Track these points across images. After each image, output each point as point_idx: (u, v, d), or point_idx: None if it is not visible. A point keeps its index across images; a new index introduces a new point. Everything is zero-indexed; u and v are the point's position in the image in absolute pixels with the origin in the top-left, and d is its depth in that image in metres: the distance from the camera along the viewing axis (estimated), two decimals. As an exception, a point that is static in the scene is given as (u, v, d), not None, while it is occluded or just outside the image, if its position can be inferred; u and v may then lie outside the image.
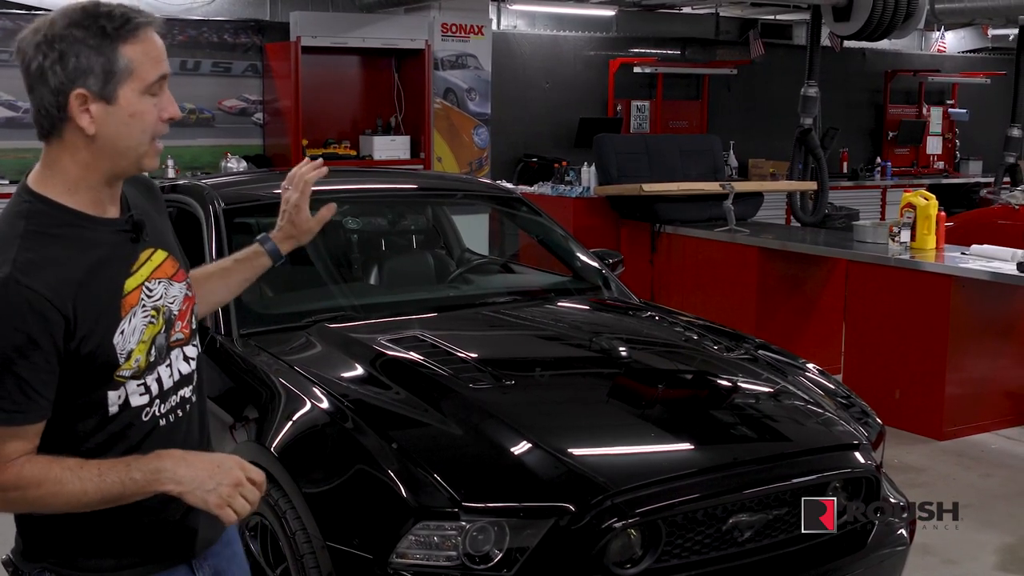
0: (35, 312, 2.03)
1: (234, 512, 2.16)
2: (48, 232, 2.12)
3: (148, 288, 2.24)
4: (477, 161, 12.25)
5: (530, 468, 3.33)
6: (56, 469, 2.09)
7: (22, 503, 2.14)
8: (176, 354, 2.32)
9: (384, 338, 4.26)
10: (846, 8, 10.46)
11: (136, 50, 2.13)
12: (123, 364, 2.17)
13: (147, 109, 2.15)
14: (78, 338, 2.09)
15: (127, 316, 2.18)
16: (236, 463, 2.20)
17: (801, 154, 10.88)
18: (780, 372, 4.33)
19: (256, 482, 2.21)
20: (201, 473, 2.14)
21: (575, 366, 4.49)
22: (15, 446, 2.08)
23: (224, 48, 11.81)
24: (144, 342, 2.21)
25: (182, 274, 2.37)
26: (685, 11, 14.35)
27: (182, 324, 2.34)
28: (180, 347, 2.33)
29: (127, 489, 2.11)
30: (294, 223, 2.87)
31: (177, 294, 2.32)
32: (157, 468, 2.12)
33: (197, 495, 2.13)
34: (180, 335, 2.33)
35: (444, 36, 12.00)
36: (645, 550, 3.28)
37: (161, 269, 2.29)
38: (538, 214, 5.71)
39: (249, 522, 3.70)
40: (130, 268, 2.22)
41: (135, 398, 2.22)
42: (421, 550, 3.15)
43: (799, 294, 8.45)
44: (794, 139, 10.82)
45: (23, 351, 2.04)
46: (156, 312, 2.25)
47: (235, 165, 11.20)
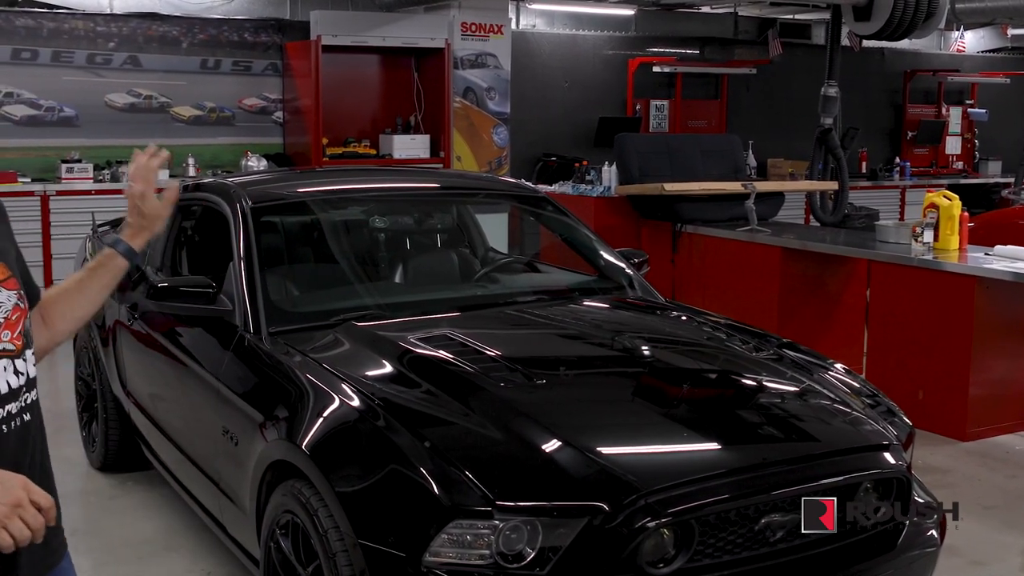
0: None
1: (10, 536, 1.95)
2: None
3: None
4: (496, 160, 12.27)
5: (563, 467, 3.32)
6: None
7: None
8: (4, 364, 2.18)
9: (413, 336, 4.27)
10: (866, 7, 10.43)
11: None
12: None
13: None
14: None
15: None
16: (21, 483, 2.00)
17: (821, 154, 10.84)
18: (806, 371, 4.32)
19: (42, 507, 2.00)
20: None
21: (603, 365, 4.48)
22: None
23: (244, 47, 11.87)
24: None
25: (13, 282, 2.26)
26: (704, 10, 14.36)
27: (11, 335, 2.21)
28: (10, 359, 2.20)
29: None
30: (143, 214, 2.67)
31: (4, 300, 2.22)
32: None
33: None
34: (8, 345, 2.20)
35: (464, 35, 12.03)
36: (678, 550, 3.27)
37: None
38: (564, 214, 5.71)
39: (280, 520, 3.71)
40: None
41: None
42: (454, 549, 3.15)
43: (821, 294, 8.42)
44: (814, 139, 10.79)
45: None
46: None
47: (255, 164, 11.24)
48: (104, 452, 5.97)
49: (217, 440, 4.34)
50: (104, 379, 5.85)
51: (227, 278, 4.68)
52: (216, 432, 4.34)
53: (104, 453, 5.98)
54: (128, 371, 5.56)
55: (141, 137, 11.16)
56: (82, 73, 11.17)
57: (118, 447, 5.90)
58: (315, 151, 11.37)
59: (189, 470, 4.81)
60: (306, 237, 5.43)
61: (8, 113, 10.92)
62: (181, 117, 11.61)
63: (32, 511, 1.98)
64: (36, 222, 10.19)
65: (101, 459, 6.02)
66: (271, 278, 4.74)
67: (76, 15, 11.01)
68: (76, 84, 11.12)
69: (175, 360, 4.90)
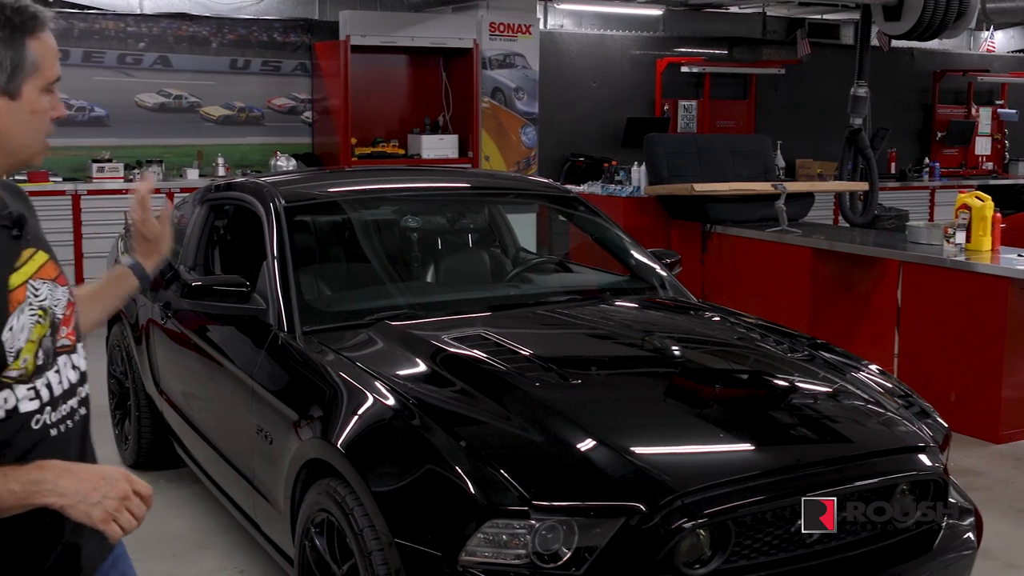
0: None
1: (120, 528, 2.02)
2: None
3: (34, 287, 2.17)
4: (525, 160, 12.26)
5: (599, 467, 3.32)
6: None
7: None
8: (64, 361, 2.22)
9: (447, 336, 4.28)
10: (897, 7, 10.38)
11: (41, 47, 2.14)
12: (11, 364, 2.08)
13: (45, 107, 2.15)
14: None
15: (15, 313, 2.10)
16: (123, 476, 2.05)
17: (850, 154, 10.79)
18: (839, 372, 4.30)
19: (143, 496, 2.07)
20: (85, 485, 2.00)
21: (636, 365, 4.47)
22: None
23: (274, 47, 11.89)
24: (32, 342, 2.12)
25: (64, 279, 2.30)
26: (732, 10, 14.32)
27: (67, 330, 2.25)
28: (67, 354, 2.24)
29: (4, 502, 1.99)
30: (146, 238, 2.85)
31: (61, 298, 2.25)
32: (37, 479, 1.99)
33: (80, 509, 1.99)
34: (66, 341, 2.24)
35: (492, 35, 12.02)
36: (714, 551, 3.27)
37: (44, 270, 2.23)
38: (596, 214, 5.71)
39: (315, 518, 3.72)
40: (13, 264, 2.16)
41: (25, 403, 2.11)
42: (490, 548, 3.16)
43: (851, 295, 8.39)
44: (844, 139, 10.75)
45: None
46: (43, 313, 2.17)
47: (284, 163, 11.26)
48: (137, 450, 6.00)
49: (251, 438, 4.36)
50: (137, 377, 5.88)
51: (260, 277, 4.70)
52: (250, 430, 4.36)
53: (137, 451, 6.01)
54: (161, 369, 5.58)
55: (171, 137, 11.25)
56: (112, 73, 11.21)
57: (151, 445, 5.92)
58: (344, 151, 11.39)
59: (222, 468, 4.83)
60: (338, 236, 5.45)
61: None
62: (211, 117, 11.64)
63: (137, 501, 2.05)
64: (68, 221, 10.23)
65: (134, 457, 6.05)
66: (304, 277, 4.76)
67: (107, 15, 11.05)
68: (107, 84, 11.16)
69: (208, 358, 4.92)
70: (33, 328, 2.13)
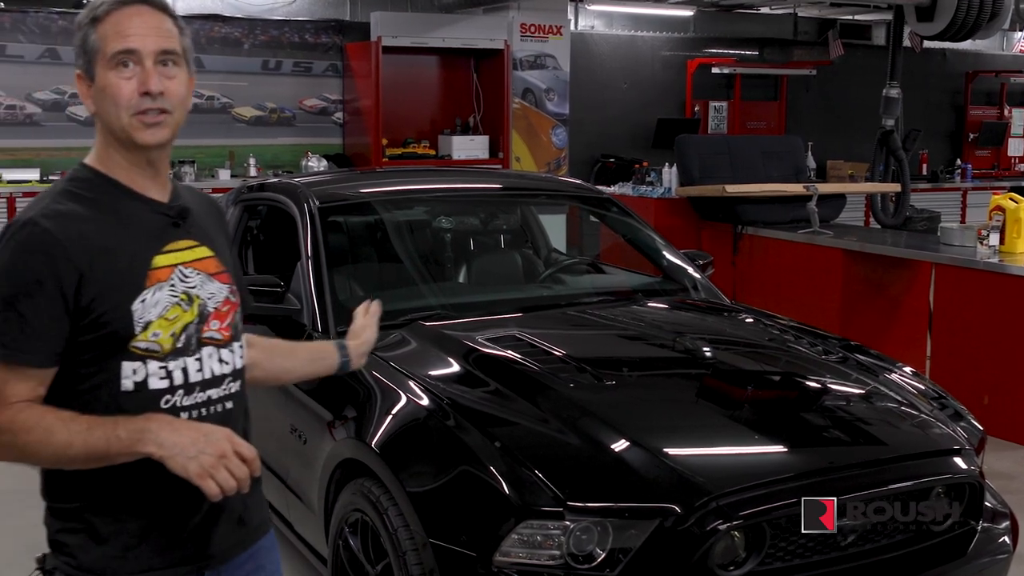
0: (48, 255, 2.12)
1: (217, 485, 2.07)
2: (82, 193, 2.25)
3: (183, 272, 2.28)
4: (555, 161, 12.27)
5: (634, 468, 3.32)
6: (49, 418, 2.11)
7: (12, 448, 2.14)
8: (209, 352, 2.31)
9: (480, 336, 4.28)
10: (930, 8, 10.34)
11: (107, 28, 2.23)
12: (139, 334, 2.18)
13: (114, 82, 2.21)
14: (90, 296, 2.14)
15: (151, 288, 2.21)
16: (225, 435, 2.12)
17: (882, 155, 10.75)
18: (872, 373, 4.28)
19: (246, 458, 2.12)
20: (184, 439, 2.08)
21: (668, 366, 4.47)
22: (16, 389, 2.13)
23: (305, 48, 11.94)
24: (167, 320, 2.22)
25: (226, 277, 2.39)
26: (763, 11, 14.28)
27: (220, 324, 2.34)
28: (216, 347, 2.33)
29: (111, 447, 2.09)
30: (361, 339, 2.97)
31: (216, 292, 2.34)
32: (143, 428, 2.09)
33: (178, 461, 2.06)
34: (216, 334, 2.33)
35: (523, 36, 12.04)
36: (749, 553, 3.26)
37: (202, 263, 2.34)
38: (628, 215, 5.71)
39: (349, 518, 3.73)
40: (162, 246, 2.27)
41: (154, 380, 2.21)
42: (525, 549, 3.16)
43: (883, 297, 8.35)
44: (876, 140, 10.70)
45: (29, 291, 2.11)
46: (187, 297, 2.27)
47: (315, 164, 11.30)
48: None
49: (285, 438, 4.38)
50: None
51: (294, 277, 4.72)
52: (284, 430, 4.38)
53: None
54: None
55: (203, 137, 11.28)
56: (146, 74, 11.26)
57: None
58: (375, 152, 11.42)
59: (256, 467, 4.84)
60: (371, 237, 5.46)
61: (74, 114, 11.04)
62: (242, 117, 11.69)
63: (236, 462, 2.10)
64: (100, 220, 10.29)
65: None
66: (338, 278, 4.77)
67: (140, 17, 11.10)
68: (140, 84, 11.22)
69: (242, 358, 4.92)
70: (170, 307, 2.23)
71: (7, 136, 10.87)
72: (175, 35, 2.27)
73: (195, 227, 2.36)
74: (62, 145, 11.02)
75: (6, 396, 2.13)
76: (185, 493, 2.16)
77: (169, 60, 2.25)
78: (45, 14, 10.80)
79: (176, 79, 2.26)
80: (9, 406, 2.13)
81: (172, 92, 2.25)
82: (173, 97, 2.25)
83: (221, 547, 2.35)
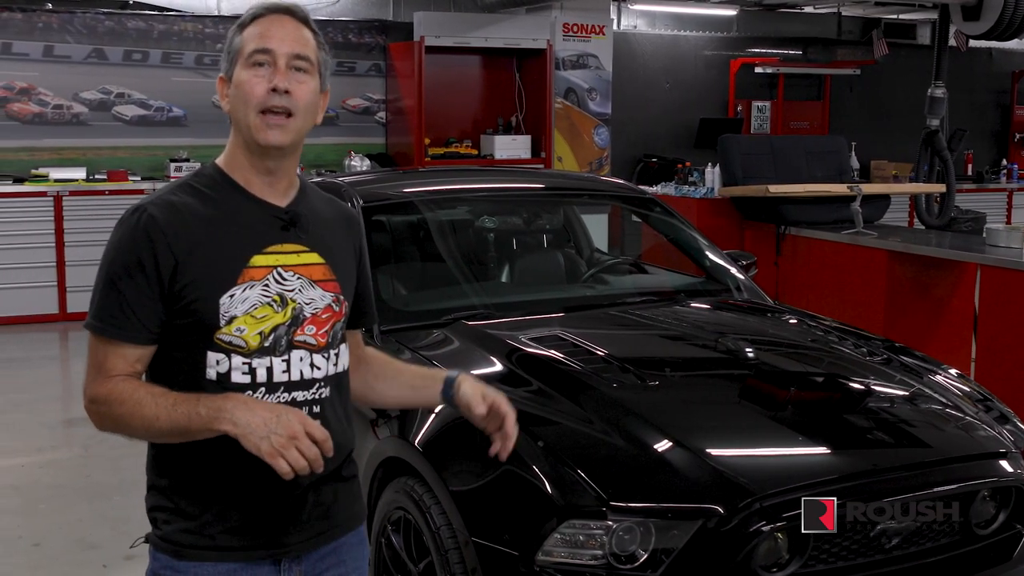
0: (149, 240, 2.24)
1: (288, 465, 2.12)
2: (200, 188, 2.36)
3: (280, 275, 2.34)
4: (597, 161, 12.26)
5: (677, 469, 3.32)
6: (141, 391, 2.23)
7: (107, 418, 2.27)
8: (300, 355, 2.35)
9: (523, 336, 4.29)
10: (976, 7, 10.24)
11: (250, 31, 2.35)
12: (223, 327, 2.26)
13: (248, 79, 2.31)
14: (182, 283, 2.25)
15: (242, 285, 2.29)
16: (298, 417, 2.16)
17: (927, 156, 10.66)
18: (917, 375, 4.25)
19: (318, 440, 2.15)
20: (256, 419, 2.14)
21: (712, 367, 4.46)
22: (114, 363, 2.27)
23: (348, 48, 12.00)
24: (255, 318, 2.29)
25: (333, 286, 2.43)
26: (807, 10, 14.21)
27: (316, 330, 2.38)
28: (308, 351, 2.36)
29: (192, 423, 2.17)
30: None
31: (316, 298, 2.39)
32: (220, 407, 2.16)
33: (251, 440, 2.13)
34: (310, 339, 2.37)
35: (565, 36, 12.05)
36: (792, 555, 3.25)
37: (306, 268, 2.39)
38: (672, 215, 5.70)
39: (391, 516, 3.75)
40: (264, 247, 2.34)
41: (236, 375, 2.29)
42: (567, 548, 3.16)
43: (927, 298, 8.29)
44: (920, 140, 10.62)
45: (130, 271, 2.25)
46: (280, 299, 2.32)
47: (359, 163, 11.36)
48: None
49: (328, 436, 4.39)
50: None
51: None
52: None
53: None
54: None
55: (247, 136, 11.32)
56: (191, 74, 11.37)
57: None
58: (417, 151, 11.46)
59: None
60: (415, 236, 5.48)
61: (120, 113, 11.17)
62: (286, 117, 11.74)
63: (307, 443, 2.14)
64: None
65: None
66: (381, 277, 4.79)
67: (185, 17, 11.21)
68: (185, 85, 11.33)
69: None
70: (259, 307, 2.30)
71: (54, 135, 11.01)
72: (311, 45, 2.37)
73: (310, 233, 2.42)
74: (108, 144, 11.15)
75: (106, 369, 2.26)
76: (264, 480, 2.24)
77: (302, 66, 2.34)
78: (92, 14, 10.92)
79: (305, 85, 2.34)
80: (109, 379, 2.26)
81: (299, 95, 2.33)
82: (299, 100, 2.33)
83: (301, 537, 2.40)
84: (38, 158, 10.91)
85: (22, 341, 9.85)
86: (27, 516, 5.65)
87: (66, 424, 7.41)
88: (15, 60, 10.87)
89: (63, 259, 10.39)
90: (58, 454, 6.71)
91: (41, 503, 5.84)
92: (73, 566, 5.08)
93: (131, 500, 5.76)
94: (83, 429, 7.04)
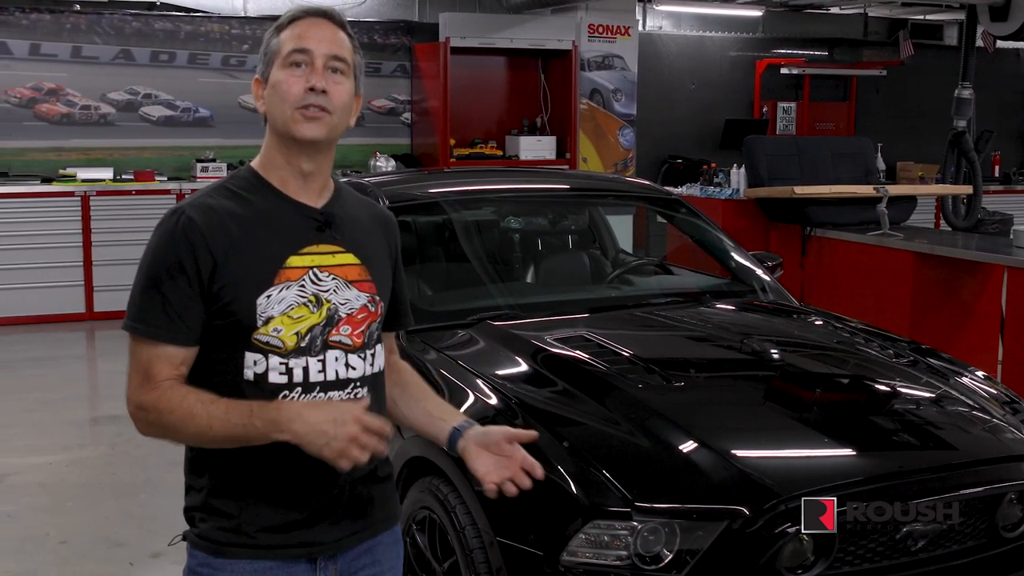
0: (188, 241, 2.29)
1: (351, 461, 2.17)
2: (236, 190, 2.41)
3: (316, 275, 2.37)
4: (622, 162, 12.26)
5: (702, 470, 3.31)
6: (191, 399, 2.24)
7: (155, 425, 2.29)
8: (335, 355, 2.37)
9: (549, 336, 4.29)
10: (1003, 8, 10.18)
11: (287, 33, 2.40)
12: (260, 327, 2.29)
13: (284, 79, 2.36)
14: (220, 284, 2.28)
15: (279, 285, 2.32)
16: (353, 418, 2.18)
17: (954, 157, 10.61)
18: (943, 377, 4.23)
19: (375, 429, 2.19)
20: (313, 430, 2.16)
21: (737, 368, 4.45)
22: (160, 367, 2.28)
23: (374, 49, 12.03)
24: (291, 318, 2.31)
25: (368, 286, 2.45)
26: (832, 11, 14.16)
27: (351, 330, 2.40)
28: (344, 351, 2.39)
29: (249, 433, 2.21)
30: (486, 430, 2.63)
31: (352, 299, 2.41)
32: (275, 420, 2.19)
33: (311, 449, 2.17)
34: (345, 339, 2.39)
35: (591, 37, 12.06)
36: (817, 556, 3.24)
37: (342, 269, 2.42)
38: (697, 216, 5.70)
39: (416, 515, 3.76)
40: (299, 248, 2.37)
41: (274, 375, 2.31)
42: (592, 549, 3.16)
43: (954, 300, 8.25)
44: (947, 142, 10.57)
45: (171, 273, 2.28)
46: (315, 300, 2.35)
47: (384, 164, 11.38)
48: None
49: (354, 436, 4.40)
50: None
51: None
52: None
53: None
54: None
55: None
56: (217, 75, 11.43)
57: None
58: (442, 152, 11.48)
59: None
60: (440, 237, 5.49)
61: (147, 114, 11.23)
62: (312, 118, 11.78)
63: (366, 438, 2.18)
64: (173, 219, 10.44)
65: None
66: (406, 277, 4.78)
67: (212, 18, 11.26)
68: (211, 86, 11.39)
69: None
70: (295, 307, 2.33)
71: (81, 135, 11.08)
72: (348, 48, 2.41)
73: (345, 234, 2.44)
74: (135, 145, 11.21)
75: (153, 375, 2.28)
76: (302, 480, 2.31)
77: (338, 68, 2.38)
78: (120, 16, 10.98)
79: (342, 86, 2.38)
80: (157, 385, 2.27)
81: (335, 95, 2.36)
82: (335, 100, 2.36)
83: (337, 536, 2.42)
84: (66, 158, 10.99)
85: (49, 340, 9.92)
86: (54, 514, 5.68)
87: (92, 423, 7.45)
88: (43, 61, 10.94)
89: (90, 259, 10.46)
90: (85, 452, 6.74)
91: (68, 501, 5.87)
92: (100, 563, 5.12)
93: (157, 498, 5.80)
94: (109, 427, 7.08)
